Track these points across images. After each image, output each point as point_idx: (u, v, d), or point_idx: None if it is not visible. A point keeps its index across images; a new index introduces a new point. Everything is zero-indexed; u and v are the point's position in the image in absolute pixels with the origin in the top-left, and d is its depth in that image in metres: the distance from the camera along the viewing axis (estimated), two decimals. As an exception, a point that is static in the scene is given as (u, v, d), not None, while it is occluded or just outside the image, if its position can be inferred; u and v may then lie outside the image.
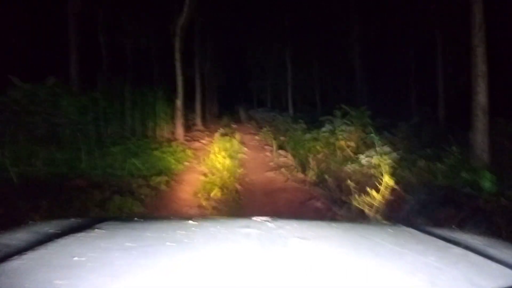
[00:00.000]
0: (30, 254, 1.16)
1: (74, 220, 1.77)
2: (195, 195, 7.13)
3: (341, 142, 9.87)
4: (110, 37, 16.63)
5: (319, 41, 23.33)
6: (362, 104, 13.16)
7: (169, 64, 13.77)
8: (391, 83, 19.45)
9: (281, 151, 11.73)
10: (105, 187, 6.44)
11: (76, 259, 1.13)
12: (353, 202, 5.40)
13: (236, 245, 1.35)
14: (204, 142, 13.82)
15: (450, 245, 1.43)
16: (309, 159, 9.07)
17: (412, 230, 1.76)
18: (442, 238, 1.53)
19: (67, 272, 1.04)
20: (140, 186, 6.95)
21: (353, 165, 8.35)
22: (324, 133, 10.90)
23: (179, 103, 13.17)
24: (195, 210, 6.48)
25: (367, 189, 5.33)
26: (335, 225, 1.87)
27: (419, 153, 8.28)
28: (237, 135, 14.44)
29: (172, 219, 2.34)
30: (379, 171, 6.44)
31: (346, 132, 10.24)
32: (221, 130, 15.07)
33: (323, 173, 8.17)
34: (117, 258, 1.16)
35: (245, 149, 12.53)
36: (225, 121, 21.69)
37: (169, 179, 7.84)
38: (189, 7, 12.37)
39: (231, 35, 27.33)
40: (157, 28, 16.77)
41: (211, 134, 15.64)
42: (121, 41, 17.57)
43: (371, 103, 14.65)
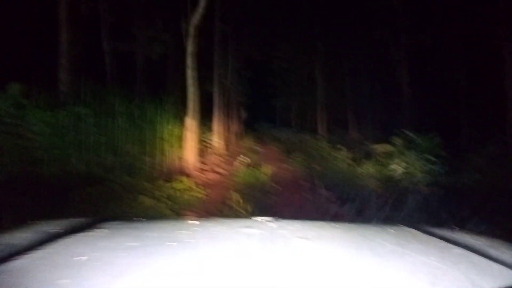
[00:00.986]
0: (32, 253, 1.35)
1: (76, 220, 2.00)
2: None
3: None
4: (115, 43, 16.29)
5: (355, 53, 22.76)
6: (408, 125, 12.74)
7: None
8: (439, 102, 19.13)
9: (326, 193, 9.18)
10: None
11: (78, 258, 1.30)
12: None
13: (237, 245, 1.54)
14: (222, 172, 12.57)
15: (450, 245, 1.60)
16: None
17: (413, 230, 1.94)
18: (443, 238, 1.71)
19: (69, 271, 1.20)
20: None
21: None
22: (393, 170, 9.51)
23: (190, 121, 11.79)
24: None
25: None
26: (336, 225, 2.05)
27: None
28: (265, 167, 12.25)
29: (175, 219, 2.54)
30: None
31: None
32: (243, 158, 13.53)
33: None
34: (119, 257, 1.34)
35: (277, 186, 10.13)
36: (247, 142, 21.47)
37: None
38: (205, 1, 11.54)
39: (254, 44, 27.43)
40: (171, 32, 16.15)
41: (232, 159, 15.01)
42: (129, 48, 17.26)
43: (419, 124, 14.29)
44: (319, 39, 23.23)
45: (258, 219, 2.01)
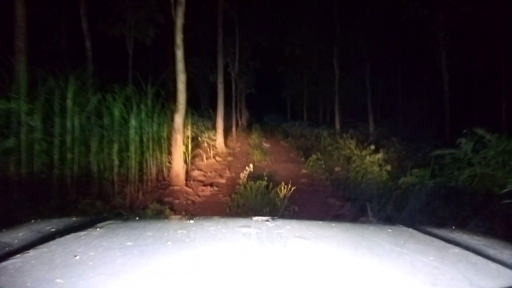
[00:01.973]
0: (32, 252, 1.52)
1: (75, 219, 2.23)
2: None
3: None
4: (99, 25, 15.99)
5: (379, 37, 22.61)
6: (447, 119, 12.48)
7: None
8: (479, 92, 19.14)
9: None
10: None
11: (77, 257, 1.47)
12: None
13: (236, 245, 1.74)
14: (223, 181, 11.54)
15: (449, 245, 1.79)
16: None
17: (411, 230, 2.13)
18: (441, 238, 1.91)
19: (69, 270, 1.34)
20: None
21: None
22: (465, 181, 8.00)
23: (179, 120, 10.65)
24: None
25: None
26: (334, 225, 2.23)
27: None
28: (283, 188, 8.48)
29: (172, 218, 2.75)
30: None
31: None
32: (249, 168, 9.91)
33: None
34: (118, 257, 1.50)
35: (295, 208, 8.21)
36: (254, 139, 21.18)
37: None
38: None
39: (264, 30, 27.24)
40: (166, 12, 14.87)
41: (236, 161, 14.72)
42: (114, 31, 16.93)
43: (459, 117, 14.10)
44: (338, 22, 23.05)
45: (255, 218, 2.20)
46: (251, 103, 34.46)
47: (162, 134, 11.18)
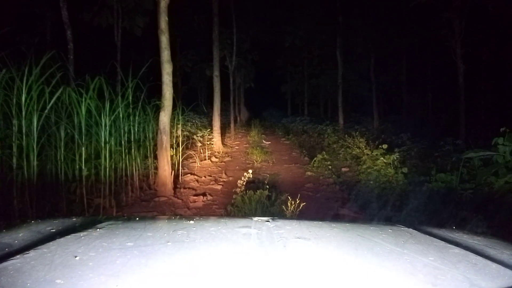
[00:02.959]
0: (32, 253, 1.60)
1: (75, 219, 2.35)
2: None
3: None
4: (81, 13, 15.75)
5: (385, 27, 22.58)
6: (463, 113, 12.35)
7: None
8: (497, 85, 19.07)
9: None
10: None
11: (77, 258, 1.55)
12: None
13: (236, 245, 1.84)
14: (218, 188, 10.99)
15: (449, 246, 1.90)
16: None
17: (411, 230, 2.25)
18: (441, 238, 2.02)
19: (69, 271, 1.41)
20: None
21: None
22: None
23: (165, 118, 9.77)
24: None
25: None
26: (334, 225, 2.33)
27: None
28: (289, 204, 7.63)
29: (172, 219, 2.86)
30: None
31: None
32: (248, 174, 8.41)
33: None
34: (118, 257, 1.58)
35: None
36: (254, 136, 21.38)
37: None
38: None
39: (263, 22, 27.42)
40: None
41: (233, 162, 14.66)
42: (99, 20, 16.59)
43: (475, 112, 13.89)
44: (341, 9, 22.93)
45: (255, 218, 2.31)
46: (250, 98, 34.97)
47: (147, 134, 10.49)
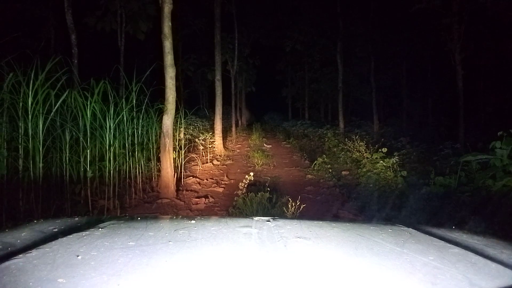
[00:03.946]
0: (34, 252, 1.61)
1: (77, 219, 2.37)
2: None
3: None
4: (85, 18, 15.79)
5: (384, 32, 22.75)
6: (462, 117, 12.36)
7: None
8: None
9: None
10: None
11: (79, 257, 1.56)
12: None
13: (237, 245, 1.85)
14: (220, 190, 11.01)
15: (449, 245, 1.91)
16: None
17: (411, 230, 2.25)
18: (441, 238, 2.02)
19: (71, 270, 1.43)
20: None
21: None
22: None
23: (168, 121, 9.76)
24: None
25: None
26: (335, 224, 2.34)
27: None
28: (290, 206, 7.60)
29: (174, 218, 2.87)
30: None
31: None
32: (250, 176, 8.48)
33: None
34: (120, 256, 1.59)
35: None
36: (255, 139, 21.51)
37: None
38: None
39: (264, 27, 27.56)
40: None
41: (235, 165, 14.68)
42: (103, 24, 16.57)
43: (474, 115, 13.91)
44: (341, 15, 22.99)
45: (256, 218, 2.32)
46: (251, 102, 35.06)
47: (150, 137, 10.55)
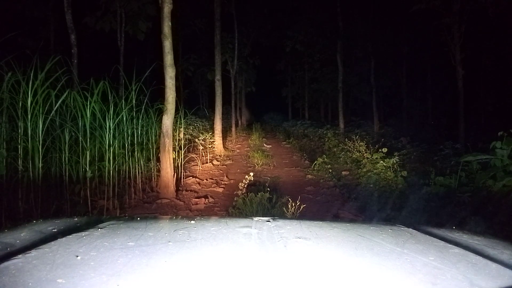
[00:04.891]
0: (33, 252, 1.60)
1: (77, 219, 2.36)
2: None
3: None
4: (85, 17, 15.75)
5: (384, 32, 22.87)
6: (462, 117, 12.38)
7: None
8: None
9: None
10: None
11: (79, 258, 1.55)
12: None
13: (236, 245, 1.84)
14: (220, 190, 10.99)
15: (449, 245, 1.90)
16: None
17: (411, 230, 2.25)
18: (441, 238, 2.02)
19: (70, 270, 1.42)
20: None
21: None
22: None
23: (168, 121, 9.76)
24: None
25: None
26: (335, 225, 2.34)
27: None
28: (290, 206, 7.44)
29: (174, 219, 2.87)
30: None
31: None
32: (250, 177, 8.24)
33: None
34: (119, 257, 1.58)
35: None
36: (255, 139, 21.55)
37: None
38: None
39: (263, 27, 27.66)
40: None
41: (235, 165, 14.68)
42: (103, 24, 16.43)
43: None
44: (341, 14, 22.96)
45: (256, 218, 2.32)
46: (251, 102, 35.12)
47: (150, 137, 10.55)
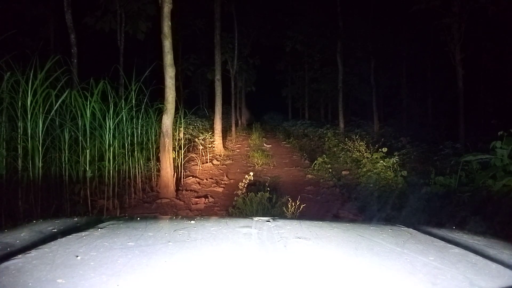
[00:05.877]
0: (33, 253, 1.61)
1: (76, 219, 2.36)
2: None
3: None
4: (85, 17, 15.60)
5: (384, 31, 22.77)
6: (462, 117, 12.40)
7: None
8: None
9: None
10: None
11: (78, 258, 1.56)
12: None
13: (236, 245, 1.85)
14: (220, 190, 10.89)
15: (449, 245, 1.91)
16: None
17: (411, 230, 2.25)
18: (441, 238, 2.02)
19: (70, 270, 1.42)
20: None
21: None
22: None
23: (168, 121, 9.68)
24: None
25: None
26: (335, 225, 2.34)
27: None
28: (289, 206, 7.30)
29: (173, 219, 2.87)
30: None
31: None
32: (249, 176, 8.06)
33: None
34: (119, 257, 1.59)
35: None
36: (255, 139, 21.52)
37: None
38: None
39: (263, 27, 27.70)
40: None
41: (235, 165, 14.64)
42: (103, 24, 16.20)
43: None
44: (341, 14, 22.93)
45: (256, 218, 2.33)
46: (251, 102, 35.12)
47: (150, 137, 10.51)
